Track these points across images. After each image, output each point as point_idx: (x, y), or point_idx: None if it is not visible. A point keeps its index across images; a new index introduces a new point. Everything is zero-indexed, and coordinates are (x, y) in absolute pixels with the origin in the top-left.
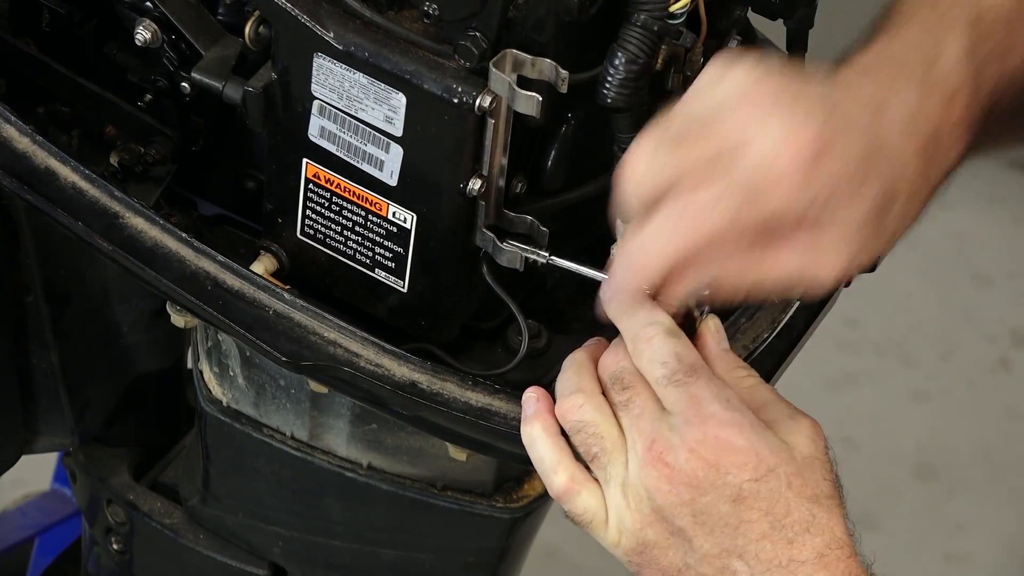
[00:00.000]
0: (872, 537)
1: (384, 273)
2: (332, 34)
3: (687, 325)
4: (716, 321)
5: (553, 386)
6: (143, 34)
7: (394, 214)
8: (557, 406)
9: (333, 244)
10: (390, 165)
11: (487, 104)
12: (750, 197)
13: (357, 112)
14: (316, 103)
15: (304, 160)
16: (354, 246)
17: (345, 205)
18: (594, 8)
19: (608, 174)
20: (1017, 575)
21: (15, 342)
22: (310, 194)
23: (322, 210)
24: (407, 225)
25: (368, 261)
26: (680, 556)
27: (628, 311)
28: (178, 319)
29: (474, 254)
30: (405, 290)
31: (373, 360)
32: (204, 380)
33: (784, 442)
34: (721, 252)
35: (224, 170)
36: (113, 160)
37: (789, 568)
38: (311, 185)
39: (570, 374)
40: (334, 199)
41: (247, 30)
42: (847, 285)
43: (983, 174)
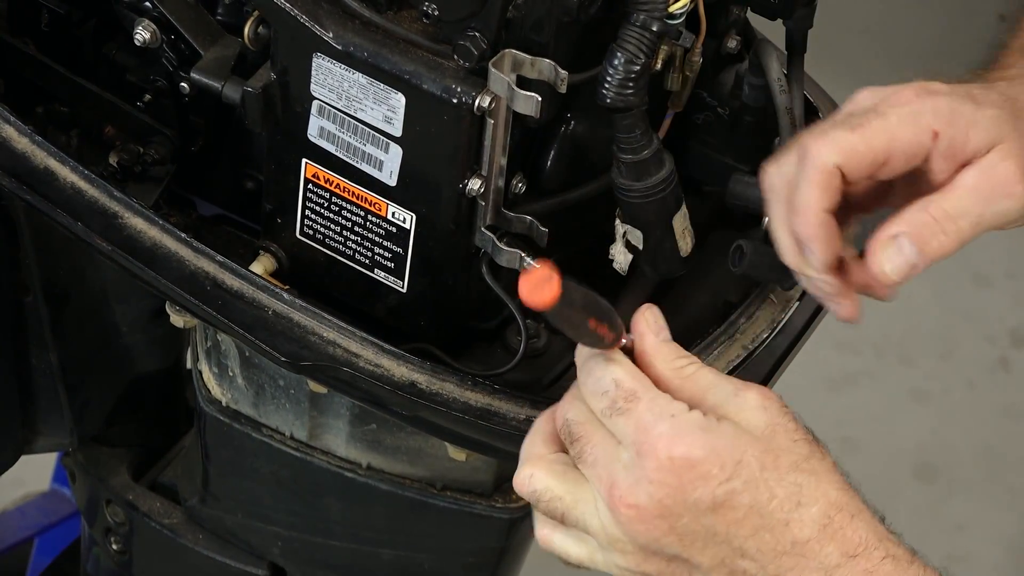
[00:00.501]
0: None
1: (383, 273)
2: (331, 34)
3: None
4: (653, 311)
5: (551, 388)
6: (142, 34)
7: (393, 214)
8: (513, 482)
9: (332, 244)
10: (389, 165)
11: (486, 104)
12: None
13: (356, 112)
14: (315, 103)
15: (303, 160)
16: (353, 246)
17: (344, 205)
18: (593, 8)
19: (608, 174)
20: (1017, 575)
21: (15, 342)
22: (309, 194)
23: (321, 210)
24: (406, 225)
25: (367, 261)
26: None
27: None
28: (177, 319)
29: (473, 254)
30: (404, 290)
31: (372, 360)
32: (203, 380)
33: (738, 426)
34: None
35: (223, 170)
36: (112, 160)
37: (795, 551)
38: (310, 185)
39: (524, 443)
40: (333, 199)
41: (246, 30)
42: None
43: None
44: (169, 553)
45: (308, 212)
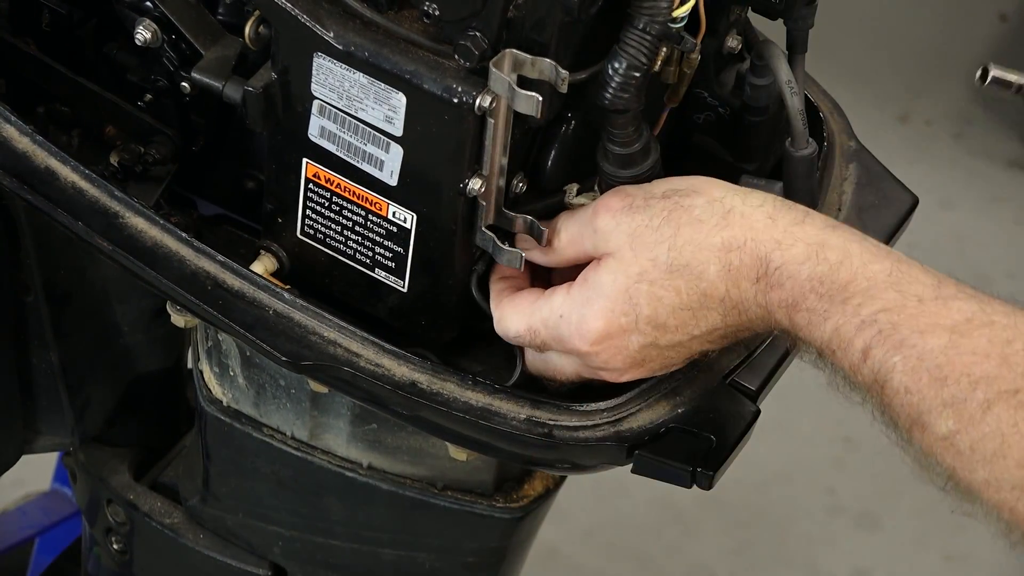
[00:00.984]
0: (872, 537)
1: (384, 273)
2: (332, 34)
3: None
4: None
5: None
6: (143, 34)
7: (394, 214)
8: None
9: (333, 244)
10: (390, 165)
11: (487, 104)
12: None
13: (357, 112)
14: (316, 103)
15: (304, 160)
16: (354, 246)
17: (345, 205)
18: (594, 8)
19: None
20: (1017, 575)
21: (15, 342)
22: (310, 194)
23: (322, 210)
24: (407, 225)
25: (368, 261)
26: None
27: None
28: (178, 319)
29: (474, 254)
30: (405, 290)
31: (373, 360)
32: (204, 380)
33: (609, 251)
34: None
35: (224, 170)
36: (113, 160)
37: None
38: (311, 185)
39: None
40: (334, 199)
41: (247, 30)
42: None
43: (983, 174)
44: (170, 553)
45: (309, 212)
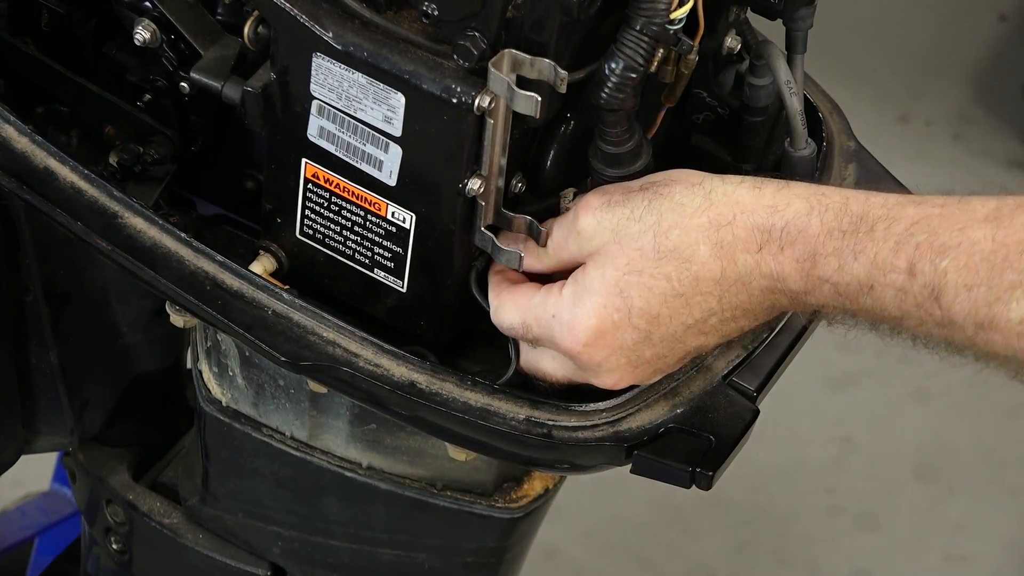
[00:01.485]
0: (872, 537)
1: (383, 273)
2: (331, 34)
3: None
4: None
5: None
6: (142, 34)
7: (393, 214)
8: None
9: (332, 244)
10: (389, 165)
11: (486, 104)
12: None
13: (356, 112)
14: (315, 103)
15: (303, 160)
16: (353, 246)
17: (344, 205)
18: (593, 8)
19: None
20: (1017, 575)
21: (15, 342)
22: (309, 194)
23: (321, 210)
24: (406, 225)
25: (367, 261)
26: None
27: None
28: (177, 319)
29: (473, 254)
30: (404, 290)
31: (372, 360)
32: (203, 380)
33: (595, 249)
34: None
35: (223, 170)
36: (112, 160)
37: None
38: (310, 185)
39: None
40: (333, 199)
41: (246, 30)
42: None
43: (983, 174)
44: (169, 553)
45: (308, 212)
